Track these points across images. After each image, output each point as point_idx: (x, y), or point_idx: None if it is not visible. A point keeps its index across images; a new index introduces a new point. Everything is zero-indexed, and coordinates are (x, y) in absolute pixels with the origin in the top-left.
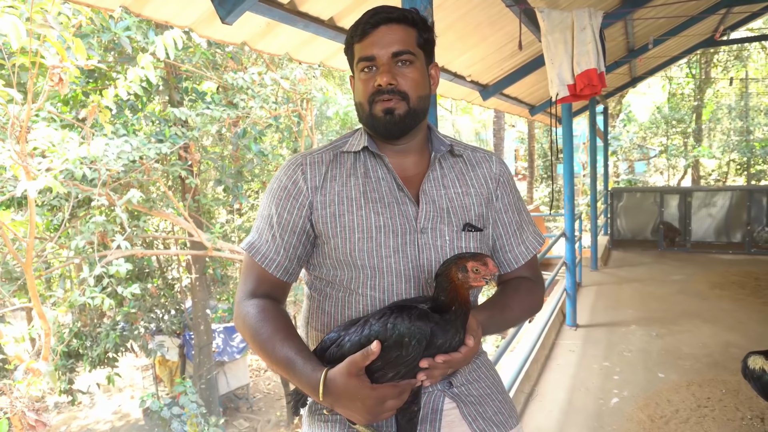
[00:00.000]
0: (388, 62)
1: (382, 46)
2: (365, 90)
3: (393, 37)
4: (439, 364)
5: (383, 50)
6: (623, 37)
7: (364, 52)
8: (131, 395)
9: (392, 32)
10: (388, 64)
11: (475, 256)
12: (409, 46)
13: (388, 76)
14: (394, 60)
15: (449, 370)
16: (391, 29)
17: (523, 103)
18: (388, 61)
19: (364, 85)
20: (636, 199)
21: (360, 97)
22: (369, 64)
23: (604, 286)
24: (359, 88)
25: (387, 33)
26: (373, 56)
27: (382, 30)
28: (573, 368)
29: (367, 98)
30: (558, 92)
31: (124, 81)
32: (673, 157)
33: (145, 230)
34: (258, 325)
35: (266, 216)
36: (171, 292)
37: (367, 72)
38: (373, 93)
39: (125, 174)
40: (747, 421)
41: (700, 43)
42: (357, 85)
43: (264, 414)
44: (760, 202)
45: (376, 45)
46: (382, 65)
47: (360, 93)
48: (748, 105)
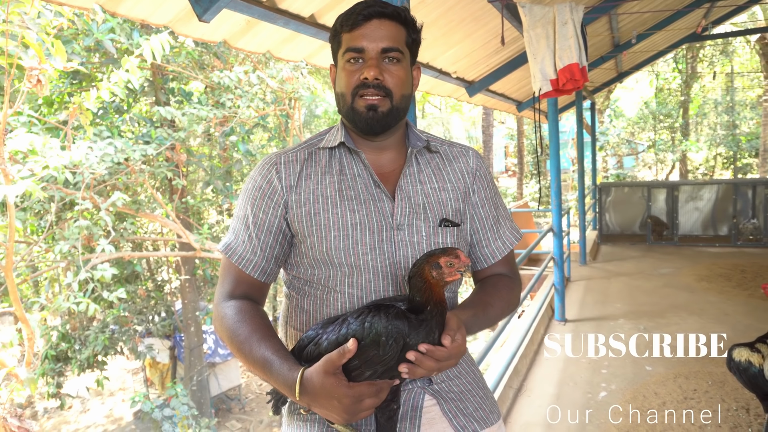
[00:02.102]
0: (377, 57)
1: (372, 40)
2: (349, 81)
3: (384, 32)
4: (424, 360)
5: (373, 44)
6: (608, 31)
7: (353, 43)
8: (123, 399)
9: (384, 27)
10: (376, 59)
11: (446, 251)
12: (398, 44)
13: (376, 71)
14: (382, 56)
15: (434, 367)
16: (383, 24)
17: (510, 99)
18: (377, 55)
19: (349, 77)
20: (624, 194)
21: (343, 87)
22: (356, 55)
23: (593, 280)
24: (343, 79)
25: (379, 27)
26: (362, 48)
27: (374, 23)
28: (561, 362)
29: (351, 90)
30: (541, 87)
31: (107, 83)
32: (661, 151)
33: (135, 232)
34: (235, 326)
35: (242, 216)
36: (161, 294)
37: (353, 63)
38: (357, 86)
39: (110, 176)
40: (733, 412)
41: (685, 37)
42: (340, 75)
43: (256, 415)
44: (745, 195)
45: (367, 38)
46: (369, 59)
47: (343, 84)
48: (734, 99)
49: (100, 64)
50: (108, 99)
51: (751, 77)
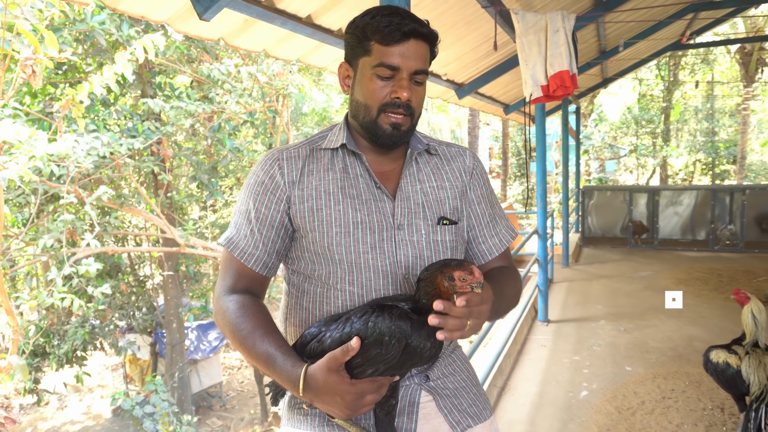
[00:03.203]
0: (408, 77)
1: (407, 59)
2: (378, 95)
3: (418, 53)
4: (455, 309)
5: (407, 63)
6: (595, 39)
7: (390, 59)
8: (102, 395)
9: (419, 48)
10: (408, 80)
11: (462, 265)
12: (426, 65)
13: (409, 93)
14: (412, 76)
15: (467, 323)
16: (419, 45)
17: (497, 102)
18: (408, 76)
19: (378, 91)
20: (606, 198)
21: (368, 99)
22: (390, 73)
23: (575, 282)
24: (369, 90)
25: (416, 48)
26: (398, 67)
27: (412, 43)
28: (544, 362)
29: (379, 105)
30: (532, 93)
31: (99, 77)
32: (643, 156)
33: (118, 227)
34: (238, 320)
35: (244, 211)
36: (142, 290)
37: (384, 79)
38: (387, 103)
39: (95, 170)
40: (708, 411)
41: (668, 46)
42: (366, 85)
43: (237, 412)
44: (723, 201)
45: (403, 57)
46: (402, 79)
47: (370, 95)
48: (713, 107)
49: (87, 54)
50: (99, 93)
51: (731, 86)
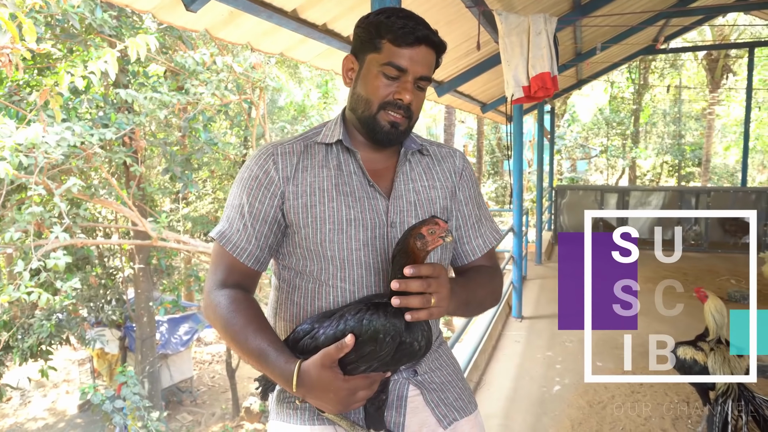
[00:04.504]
0: (413, 81)
1: (415, 63)
2: (381, 93)
3: (426, 60)
4: (410, 283)
5: (415, 68)
6: (572, 41)
7: (399, 60)
8: (67, 390)
9: (428, 55)
10: (413, 83)
11: (425, 221)
12: (431, 73)
13: (412, 96)
14: (417, 81)
15: (424, 287)
16: (428, 53)
17: (475, 101)
18: (414, 80)
19: (383, 88)
20: (578, 197)
21: (371, 94)
22: (397, 73)
23: (548, 279)
24: (375, 86)
25: (425, 54)
26: (406, 69)
27: (422, 49)
28: (518, 358)
29: (380, 102)
30: (513, 93)
31: (82, 69)
32: (613, 157)
33: (87, 219)
34: (230, 315)
35: (237, 205)
36: (112, 282)
37: (390, 78)
38: (388, 101)
39: (65, 160)
40: (675, 405)
41: (640, 50)
42: (372, 81)
43: (208, 407)
44: (689, 202)
45: (412, 60)
46: (407, 82)
47: (373, 91)
48: (681, 111)
49: (57, 40)
50: (82, 85)
51: (697, 91)
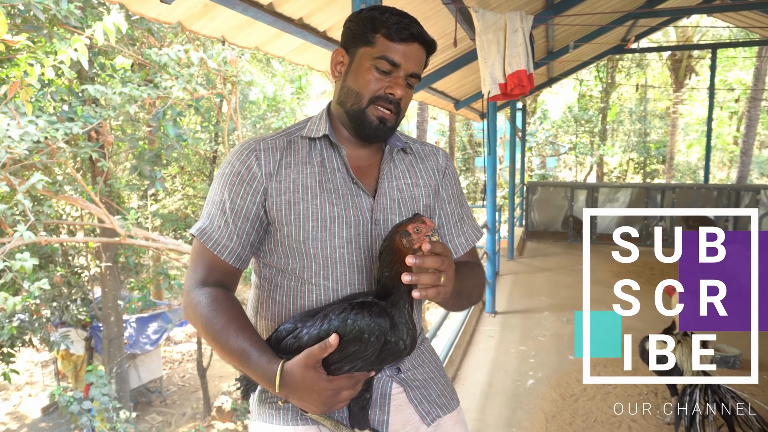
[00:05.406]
0: (405, 77)
1: (408, 60)
2: (372, 87)
3: (418, 58)
4: (426, 259)
5: (407, 64)
6: (543, 39)
7: (392, 55)
8: (30, 393)
9: (420, 53)
10: (404, 78)
11: (412, 219)
12: (421, 71)
13: (402, 91)
14: (408, 78)
15: (439, 264)
16: (420, 51)
17: (449, 98)
18: (405, 75)
19: (374, 83)
20: (549, 193)
21: (362, 88)
22: (390, 68)
23: (520, 275)
24: (366, 80)
25: (417, 52)
26: (399, 65)
27: (415, 47)
28: (492, 353)
29: (371, 96)
30: (490, 90)
31: (53, 60)
32: (581, 154)
33: (52, 216)
34: (210, 315)
35: (218, 201)
36: (77, 280)
37: (382, 72)
38: (379, 96)
39: (29, 155)
40: (644, 395)
41: (609, 49)
42: (363, 75)
43: (179, 407)
44: (655, 198)
45: (405, 57)
46: (398, 77)
47: (364, 85)
48: (646, 109)
49: (19, 30)
50: (52, 77)
51: (662, 90)
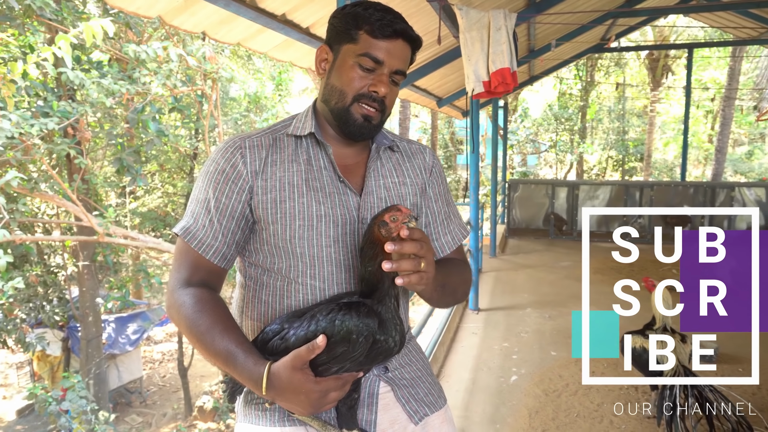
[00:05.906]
0: (389, 74)
1: (392, 56)
2: (356, 85)
3: (402, 54)
4: (405, 245)
5: (391, 61)
6: (525, 38)
7: (376, 52)
8: (5, 396)
9: (404, 50)
10: (388, 76)
11: (388, 209)
12: (406, 68)
13: (387, 89)
14: (392, 75)
15: (417, 249)
16: (405, 47)
17: (431, 95)
18: (389, 73)
19: (358, 80)
20: (530, 191)
21: (346, 86)
22: (373, 65)
23: (502, 272)
24: (350, 77)
25: (402, 48)
26: (382, 62)
27: (399, 43)
28: (476, 350)
29: (355, 93)
30: (474, 88)
31: (35, 57)
32: (562, 152)
33: (27, 214)
34: (195, 315)
35: (202, 200)
36: (54, 279)
37: (365, 70)
38: (363, 94)
39: (2, 151)
40: (624, 390)
41: (589, 48)
42: (347, 72)
43: (159, 408)
44: (633, 196)
45: (389, 53)
46: (382, 74)
47: (348, 82)
48: (624, 108)
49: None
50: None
51: (640, 89)
